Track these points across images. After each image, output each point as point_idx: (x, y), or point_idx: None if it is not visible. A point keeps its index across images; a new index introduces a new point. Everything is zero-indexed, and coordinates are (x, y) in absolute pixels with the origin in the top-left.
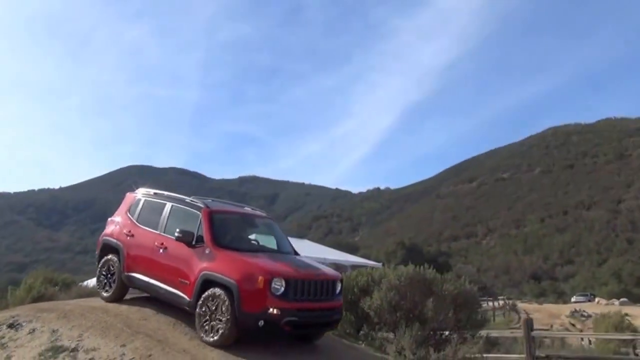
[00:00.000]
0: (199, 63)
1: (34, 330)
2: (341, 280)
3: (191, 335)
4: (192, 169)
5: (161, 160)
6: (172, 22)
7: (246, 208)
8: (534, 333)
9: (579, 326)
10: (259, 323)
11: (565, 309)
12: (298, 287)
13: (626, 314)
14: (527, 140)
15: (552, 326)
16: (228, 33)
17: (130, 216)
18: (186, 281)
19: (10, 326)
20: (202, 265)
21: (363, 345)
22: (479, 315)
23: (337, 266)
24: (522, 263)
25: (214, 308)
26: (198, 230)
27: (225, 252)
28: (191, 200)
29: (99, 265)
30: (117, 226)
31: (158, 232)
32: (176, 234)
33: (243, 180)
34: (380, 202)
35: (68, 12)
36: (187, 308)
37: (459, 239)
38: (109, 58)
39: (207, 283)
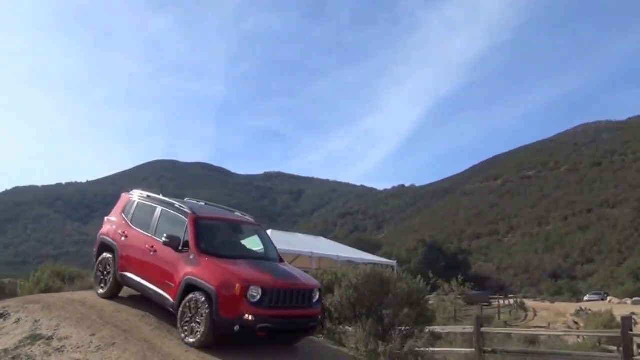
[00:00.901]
0: (224, 55)
1: (19, 320)
2: (320, 289)
3: (155, 326)
4: (217, 164)
5: (187, 155)
6: (196, 13)
7: (236, 214)
8: (482, 329)
9: (581, 324)
10: (235, 328)
11: (573, 308)
12: (274, 295)
13: (633, 313)
14: (556, 137)
15: (549, 325)
16: (253, 24)
17: (124, 217)
18: (171, 284)
19: (0, 316)
20: (186, 270)
21: (322, 338)
22: (429, 312)
23: (350, 264)
24: (542, 261)
25: (194, 311)
26: (184, 235)
27: (208, 258)
28: (179, 206)
29: (96, 263)
30: (113, 226)
31: (149, 234)
32: (163, 239)
33: (268, 176)
34: (405, 199)
35: (92, 1)
36: (172, 310)
37: (481, 237)
38: (133, 49)
39: (190, 287)
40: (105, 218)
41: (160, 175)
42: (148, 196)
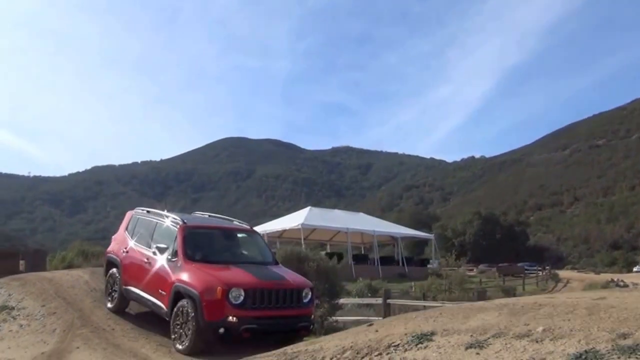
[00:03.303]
0: (288, 31)
1: (0, 293)
2: (312, 289)
3: (96, 299)
4: (286, 140)
5: (256, 132)
6: None
7: (235, 223)
8: (389, 300)
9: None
10: (220, 330)
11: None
12: (257, 296)
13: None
14: (630, 105)
15: None
16: None
17: (127, 234)
18: (164, 292)
19: None
20: (175, 277)
21: None
22: (337, 286)
23: (390, 238)
24: (603, 232)
25: (184, 318)
26: (174, 245)
27: (193, 265)
28: (173, 218)
29: (106, 278)
30: (117, 243)
31: (146, 248)
32: (152, 250)
33: (336, 151)
34: (473, 171)
35: None
36: (167, 318)
37: (543, 208)
38: (199, 29)
39: (178, 294)
40: (112, 236)
41: (231, 152)
42: (148, 212)
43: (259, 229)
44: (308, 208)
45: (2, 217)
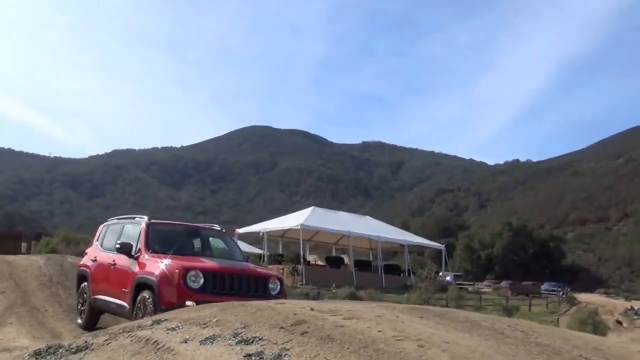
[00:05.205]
0: (323, 11)
1: None
2: (280, 280)
3: (42, 283)
4: (314, 131)
5: (282, 121)
6: None
7: (215, 226)
8: None
9: (625, 325)
10: None
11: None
12: (218, 281)
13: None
14: None
15: None
16: None
17: (97, 244)
18: (126, 290)
19: None
20: (136, 270)
21: None
22: None
23: (399, 246)
24: None
25: (144, 311)
26: (138, 242)
27: (155, 256)
28: (140, 217)
29: (78, 295)
30: (89, 256)
31: (113, 251)
32: (116, 247)
33: (367, 146)
34: (515, 176)
35: None
36: (130, 319)
37: (586, 223)
38: (227, 6)
39: (140, 287)
40: (85, 250)
41: (255, 142)
42: (119, 218)
43: (259, 227)
44: (312, 208)
45: (21, 198)
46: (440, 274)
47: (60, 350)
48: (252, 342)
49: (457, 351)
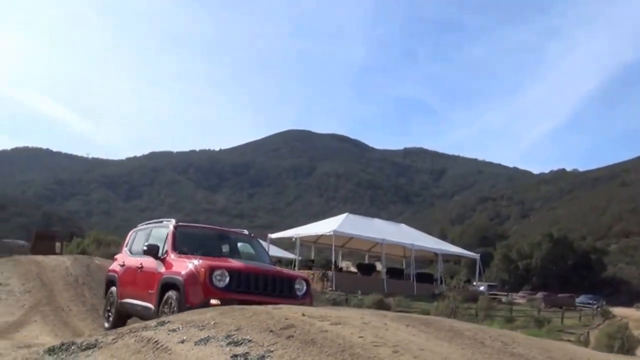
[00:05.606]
0: (365, 14)
1: None
2: (306, 280)
3: (68, 283)
4: (353, 136)
5: (321, 126)
6: None
7: (244, 231)
8: None
9: None
10: None
11: None
12: (243, 280)
13: None
14: None
15: None
16: None
17: (125, 249)
18: (152, 291)
19: None
20: (163, 270)
21: None
22: None
23: (433, 254)
24: None
25: (169, 309)
26: (165, 243)
27: (182, 257)
28: (167, 220)
29: (105, 299)
30: (117, 261)
31: (140, 254)
32: (143, 248)
33: (408, 152)
34: (560, 185)
35: None
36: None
37: (631, 236)
38: (266, 9)
39: (166, 286)
40: (115, 256)
41: (293, 146)
42: (147, 223)
43: (292, 232)
44: (345, 214)
45: (59, 198)
46: (474, 283)
47: (72, 347)
48: (241, 343)
49: (429, 358)
